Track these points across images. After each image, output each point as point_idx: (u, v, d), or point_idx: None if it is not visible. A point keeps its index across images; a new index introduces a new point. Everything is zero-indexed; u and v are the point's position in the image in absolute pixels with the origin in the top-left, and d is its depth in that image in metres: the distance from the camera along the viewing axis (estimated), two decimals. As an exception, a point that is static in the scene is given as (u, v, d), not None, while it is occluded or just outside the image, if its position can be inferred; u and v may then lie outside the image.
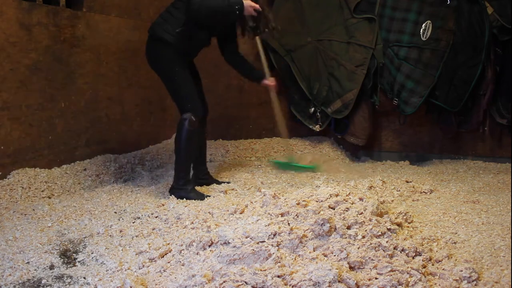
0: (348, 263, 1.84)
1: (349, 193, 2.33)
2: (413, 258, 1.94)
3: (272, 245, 1.93)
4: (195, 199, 3.01)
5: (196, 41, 3.14)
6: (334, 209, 2.18)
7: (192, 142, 3.09)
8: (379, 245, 1.93)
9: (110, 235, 2.47)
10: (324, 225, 2.02)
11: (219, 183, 3.43)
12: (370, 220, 2.09)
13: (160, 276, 1.96)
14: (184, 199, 3.01)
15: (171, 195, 3.09)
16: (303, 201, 2.22)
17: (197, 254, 2.05)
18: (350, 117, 4.23)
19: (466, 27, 3.81)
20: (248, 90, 4.83)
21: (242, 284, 1.72)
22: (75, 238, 2.44)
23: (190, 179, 3.16)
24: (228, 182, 3.44)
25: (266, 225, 2.04)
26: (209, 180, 3.47)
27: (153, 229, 2.52)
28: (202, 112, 3.19)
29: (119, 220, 2.69)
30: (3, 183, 3.06)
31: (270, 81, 3.48)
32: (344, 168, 4.00)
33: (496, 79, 3.87)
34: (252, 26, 3.20)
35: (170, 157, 4.35)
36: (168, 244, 2.24)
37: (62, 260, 2.20)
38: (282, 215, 2.16)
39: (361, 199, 2.27)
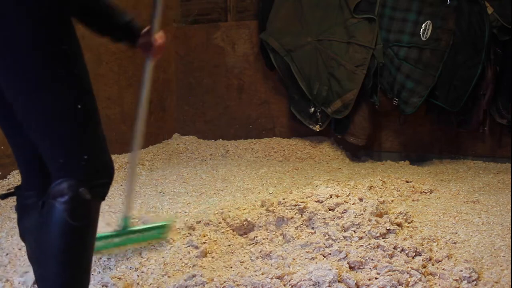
0: (348, 263, 1.84)
1: (349, 193, 2.33)
2: (413, 258, 1.94)
3: (272, 245, 1.93)
4: None
5: None
6: (333, 209, 2.18)
7: (82, 244, 1.43)
8: (378, 245, 1.93)
9: (110, 235, 2.46)
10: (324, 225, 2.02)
11: None
12: (370, 220, 2.09)
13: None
14: None
15: None
16: (302, 201, 2.22)
17: (197, 254, 2.04)
18: (350, 117, 4.22)
19: (466, 27, 3.81)
20: (248, 90, 4.83)
21: (242, 284, 1.71)
22: (75, 238, 2.44)
23: None
24: None
25: (266, 225, 2.04)
26: None
27: (153, 229, 2.51)
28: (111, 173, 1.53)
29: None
30: (3, 183, 3.06)
31: (157, 38, 1.89)
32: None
33: (496, 79, 3.87)
34: None
35: (170, 157, 4.36)
36: (168, 244, 2.23)
37: (62, 260, 2.20)
38: (282, 215, 2.16)
39: (361, 199, 2.27)
